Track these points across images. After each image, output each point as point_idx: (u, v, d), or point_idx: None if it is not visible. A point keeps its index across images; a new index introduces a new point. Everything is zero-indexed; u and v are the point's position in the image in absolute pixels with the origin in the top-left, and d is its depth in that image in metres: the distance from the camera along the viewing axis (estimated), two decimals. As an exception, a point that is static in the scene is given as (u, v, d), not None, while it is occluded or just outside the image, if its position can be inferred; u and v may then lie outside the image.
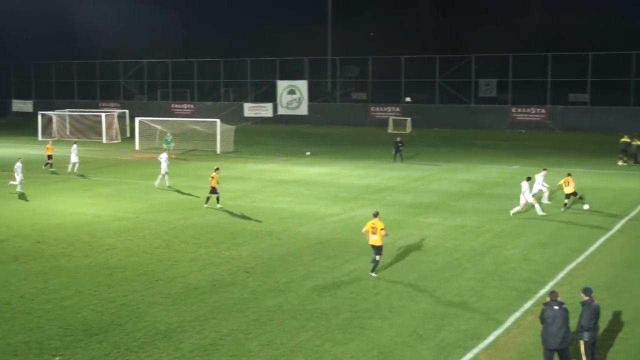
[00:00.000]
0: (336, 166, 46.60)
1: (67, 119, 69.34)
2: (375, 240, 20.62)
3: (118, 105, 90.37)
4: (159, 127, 59.03)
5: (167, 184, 37.37)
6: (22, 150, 54.81)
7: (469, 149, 57.32)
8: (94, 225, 27.66)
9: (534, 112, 74.37)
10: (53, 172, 43.30)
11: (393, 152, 48.71)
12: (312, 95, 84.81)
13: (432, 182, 39.45)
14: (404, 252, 23.23)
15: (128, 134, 66.53)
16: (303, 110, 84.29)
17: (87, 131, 67.00)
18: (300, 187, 37.38)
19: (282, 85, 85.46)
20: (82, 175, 42.07)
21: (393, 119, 76.79)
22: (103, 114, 65.40)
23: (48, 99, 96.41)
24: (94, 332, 16.12)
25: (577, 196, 31.41)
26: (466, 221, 28.18)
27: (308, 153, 52.75)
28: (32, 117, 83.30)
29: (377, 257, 20.65)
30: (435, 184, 38.63)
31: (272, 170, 44.46)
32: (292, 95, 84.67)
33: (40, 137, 65.93)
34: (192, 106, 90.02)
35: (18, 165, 35.86)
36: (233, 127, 58.66)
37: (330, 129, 77.26)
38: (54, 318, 17.09)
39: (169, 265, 21.81)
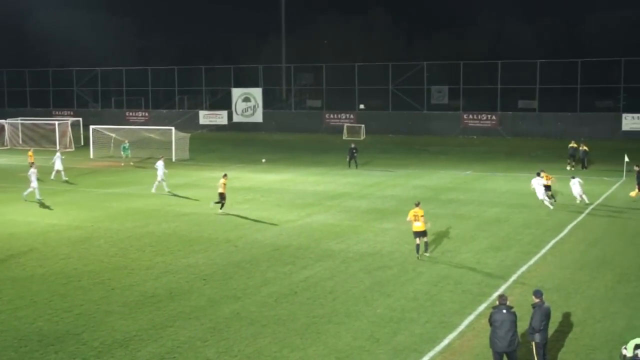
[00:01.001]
0: (292, 173, 46.62)
1: (20, 127, 68.13)
2: (419, 226, 23.13)
3: (72, 113, 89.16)
4: (113, 135, 58.44)
5: (167, 189, 37.59)
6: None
7: (422, 155, 57.88)
8: (49, 234, 27.23)
9: (485, 118, 75.53)
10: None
11: (348, 159, 48.92)
12: (267, 103, 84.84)
13: (386, 188, 39.72)
14: (360, 258, 23.36)
15: (82, 143, 65.63)
16: (258, 117, 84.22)
17: (41, 140, 65.90)
18: (256, 194, 37.29)
19: (237, 92, 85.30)
20: (68, 182, 42.03)
21: (347, 126, 77.22)
22: (56, 122, 64.41)
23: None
24: (50, 342, 15.88)
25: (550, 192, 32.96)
26: (420, 226, 28.42)
27: (263, 160, 52.69)
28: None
29: (425, 239, 23.41)
30: (390, 189, 38.90)
31: (231, 179, 44.19)
32: (247, 103, 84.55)
33: (-8, 146, 64.68)
34: (146, 114, 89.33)
35: None
36: (188, 135, 58.34)
37: (285, 136, 77.33)
38: (8, 329, 16.77)
39: (126, 273, 21.59)
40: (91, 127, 59.04)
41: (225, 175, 32.53)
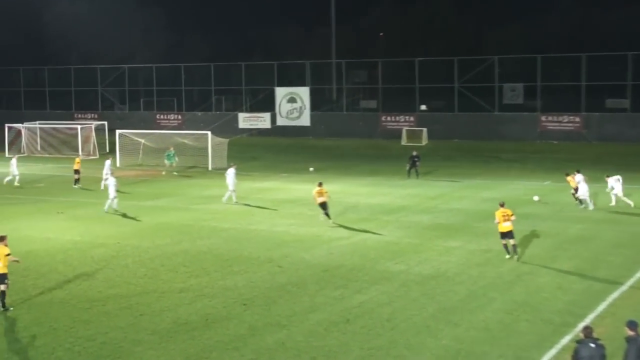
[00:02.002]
0: (343, 183, 46.58)
1: (38, 132, 69.51)
2: (508, 226, 25.51)
3: (96, 116, 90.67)
4: (142, 140, 59.22)
5: (234, 200, 38.65)
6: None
7: (493, 163, 57.32)
8: (70, 252, 27.67)
9: (566, 120, 74.46)
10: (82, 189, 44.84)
11: (408, 167, 48.72)
12: (315, 104, 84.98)
13: (452, 200, 39.40)
14: (422, 281, 23.17)
15: (107, 149, 66.62)
16: (305, 120, 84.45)
17: (61, 146, 67.20)
18: (303, 207, 37.34)
19: (281, 92, 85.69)
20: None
21: (407, 130, 76.89)
22: (79, 127, 65.55)
23: (16, 110, 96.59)
24: (71, 375, 16.07)
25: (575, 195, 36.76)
26: (492, 245, 28.09)
27: (311, 169, 52.77)
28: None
29: (512, 242, 25.69)
30: (456, 202, 38.60)
31: (270, 189, 44.49)
32: (293, 104, 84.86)
33: (7, 153, 65.98)
34: (179, 117, 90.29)
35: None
36: (226, 140, 58.78)
37: (335, 142, 77.38)
38: None
39: (156, 297, 21.77)
40: (117, 131, 59.88)
41: (320, 184, 33.31)
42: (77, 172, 46.11)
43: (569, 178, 37.67)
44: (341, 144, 75.11)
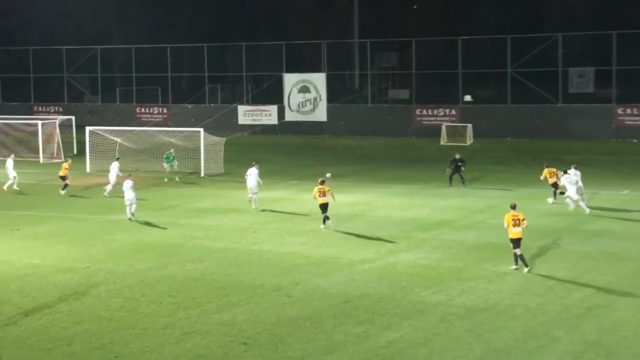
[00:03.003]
0: (368, 193, 46.46)
1: (-12, 129, 69.90)
2: (518, 232, 27.65)
3: (60, 109, 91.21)
4: (118, 140, 59.33)
5: (254, 205, 40.57)
6: None
7: (556, 167, 57.02)
8: (28, 279, 27.67)
9: (649, 113, 74.24)
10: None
11: (449, 173, 48.58)
12: (333, 94, 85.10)
13: (503, 214, 39.21)
14: (467, 314, 23.07)
15: (75, 150, 66.92)
16: (320, 114, 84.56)
17: (16, 146, 67.23)
18: (318, 222, 37.30)
19: (290, 80, 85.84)
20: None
21: (447, 126, 76.83)
22: (39, 122, 65.67)
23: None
24: None
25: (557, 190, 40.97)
26: (554, 270, 27.94)
27: (328, 175, 52.28)
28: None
29: (518, 251, 27.58)
30: (510, 216, 38.52)
31: (278, 199, 44.53)
32: (305, 94, 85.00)
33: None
34: (164, 110, 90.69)
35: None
36: (223, 140, 58.88)
37: (358, 141, 77.35)
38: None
39: (135, 335, 21.75)
40: (87, 128, 60.09)
41: (322, 182, 35.26)
42: (64, 178, 47.10)
43: (547, 170, 41.92)
44: (365, 144, 75.10)
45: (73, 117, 73.63)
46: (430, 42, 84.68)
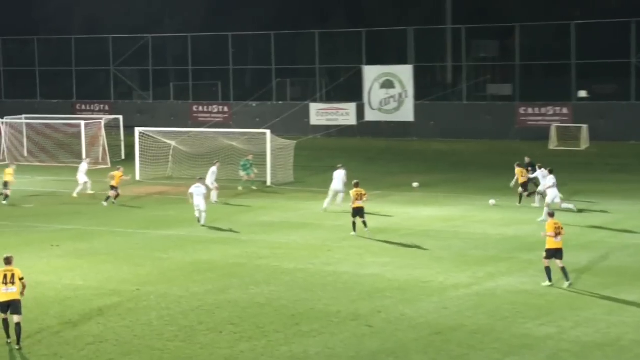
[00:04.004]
0: (462, 205, 46.26)
1: (25, 131, 70.83)
2: (559, 242, 28.95)
3: (106, 108, 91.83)
4: (172, 143, 59.72)
5: (325, 205, 42.05)
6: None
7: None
8: (69, 303, 28.05)
9: None
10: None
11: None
12: (422, 90, 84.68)
13: (625, 232, 38.81)
14: (583, 351, 22.79)
15: (123, 155, 67.54)
16: (406, 114, 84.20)
17: (57, 151, 68.23)
18: (404, 239, 37.31)
19: (372, 73, 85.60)
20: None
21: (557, 127, 76.02)
22: (82, 123, 66.30)
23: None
24: None
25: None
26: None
27: (415, 184, 52.61)
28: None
29: (561, 263, 28.97)
30: (632, 235, 38.19)
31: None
32: (389, 90, 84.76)
33: (-19, 161, 67.52)
34: (225, 109, 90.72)
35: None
36: (293, 143, 58.96)
37: (451, 144, 76.93)
38: None
39: (190, 368, 21.98)
40: (137, 129, 60.51)
41: (357, 184, 36.60)
42: (114, 188, 47.98)
43: (519, 170, 46.39)
44: (459, 148, 74.68)
45: (120, 117, 74.13)
46: (538, 27, 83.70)
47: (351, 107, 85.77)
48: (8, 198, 48.85)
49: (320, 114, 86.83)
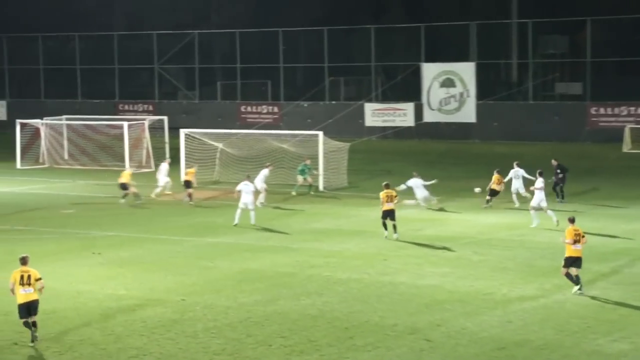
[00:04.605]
0: (528, 213, 46.06)
1: (65, 132, 71.33)
2: (579, 250, 29.71)
3: (150, 108, 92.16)
4: (219, 145, 59.82)
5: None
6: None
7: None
8: (110, 313, 28.19)
9: None
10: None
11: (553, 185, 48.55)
12: (485, 89, 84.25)
13: None
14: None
15: (168, 157, 67.72)
16: (468, 114, 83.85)
17: (98, 153, 68.71)
18: (465, 248, 37.23)
19: (431, 71, 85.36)
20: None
21: (632, 129, 75.36)
22: (125, 124, 66.70)
23: (32, 99, 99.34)
24: None
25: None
26: None
27: (477, 189, 52.28)
28: (4, 128, 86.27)
29: (576, 271, 29.42)
30: None
31: (413, 220, 44.41)
32: (449, 89, 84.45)
33: (19, 164, 68.04)
34: (275, 109, 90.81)
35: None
36: (347, 145, 58.89)
37: (516, 147, 76.40)
38: None
39: (242, 384, 22.06)
40: (182, 131, 60.81)
41: (387, 185, 37.54)
42: (188, 184, 50.48)
43: (497, 177, 48.09)
44: (524, 151, 74.13)
45: (165, 118, 74.23)
46: (611, 21, 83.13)
47: (409, 107, 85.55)
48: (128, 197, 50.39)
49: (375, 114, 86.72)
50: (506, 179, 48.30)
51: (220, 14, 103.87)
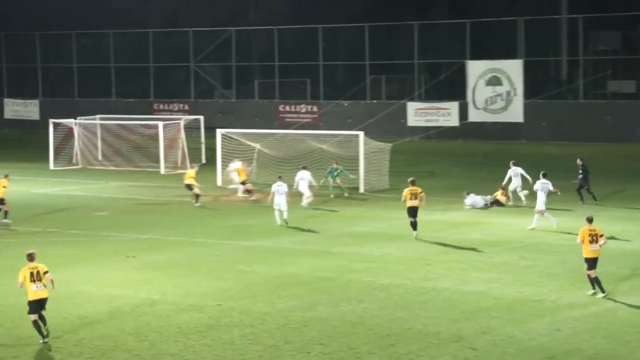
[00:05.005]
0: (578, 216, 45.83)
1: (99, 132, 71.81)
2: (595, 250, 30.05)
3: (186, 107, 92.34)
4: (257, 145, 59.87)
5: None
6: (22, 187, 57.00)
7: None
8: (145, 319, 28.36)
9: None
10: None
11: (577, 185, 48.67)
12: (533, 87, 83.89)
13: None
14: None
15: (204, 158, 68.04)
16: (515, 113, 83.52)
17: (132, 154, 68.99)
18: (512, 253, 37.19)
19: (476, 69, 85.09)
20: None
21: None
22: (160, 124, 66.93)
23: (65, 98, 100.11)
24: None
25: None
26: None
27: (525, 192, 52.27)
28: (37, 128, 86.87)
29: (593, 273, 29.91)
30: None
31: (458, 224, 44.57)
32: (496, 88, 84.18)
33: (52, 165, 68.49)
34: (314, 108, 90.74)
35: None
36: (389, 146, 58.83)
37: (566, 148, 76.08)
38: None
39: (277, 393, 22.14)
40: (219, 131, 61.03)
41: (413, 182, 37.46)
42: (243, 182, 52.27)
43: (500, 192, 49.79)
44: (575, 152, 73.50)
45: (201, 117, 74.71)
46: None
47: (453, 106, 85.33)
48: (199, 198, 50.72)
49: (418, 114, 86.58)
50: (506, 179, 49.78)
51: (258, 11, 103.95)
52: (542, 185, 42.99)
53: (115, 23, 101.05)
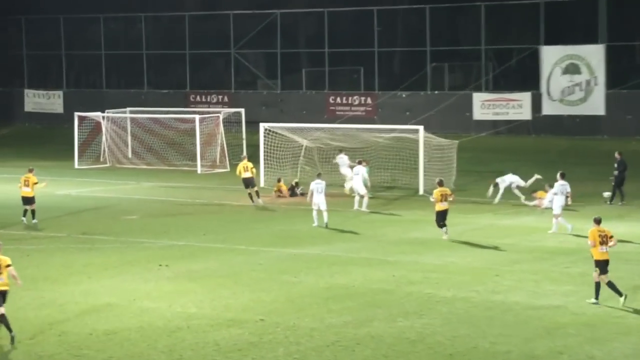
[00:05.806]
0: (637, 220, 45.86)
1: (129, 127, 72.22)
2: (605, 253, 31.18)
3: (225, 99, 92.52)
4: (304, 141, 59.85)
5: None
6: (44, 188, 57.31)
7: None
8: (180, 334, 28.41)
9: None
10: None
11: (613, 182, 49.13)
12: (616, 76, 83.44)
13: None
14: None
15: (245, 154, 67.98)
16: (596, 105, 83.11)
17: (166, 151, 69.29)
18: (590, 263, 36.34)
19: (551, 55, 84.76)
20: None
21: None
22: (197, 117, 67.17)
23: (93, 89, 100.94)
24: None
25: None
26: None
27: (607, 194, 52.03)
28: (61, 122, 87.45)
29: (605, 278, 30.76)
30: None
31: (530, 230, 44.51)
32: (573, 77, 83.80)
33: (77, 163, 68.87)
34: (368, 100, 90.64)
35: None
36: (455, 143, 58.67)
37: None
38: None
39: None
40: (262, 125, 61.16)
41: (441, 182, 38.55)
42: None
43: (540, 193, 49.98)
44: (662, 149, 73.53)
45: (242, 110, 74.76)
46: None
47: (525, 97, 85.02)
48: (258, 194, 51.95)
49: (485, 106, 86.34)
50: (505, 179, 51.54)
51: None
52: (562, 187, 44.09)
53: (148, 5, 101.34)
